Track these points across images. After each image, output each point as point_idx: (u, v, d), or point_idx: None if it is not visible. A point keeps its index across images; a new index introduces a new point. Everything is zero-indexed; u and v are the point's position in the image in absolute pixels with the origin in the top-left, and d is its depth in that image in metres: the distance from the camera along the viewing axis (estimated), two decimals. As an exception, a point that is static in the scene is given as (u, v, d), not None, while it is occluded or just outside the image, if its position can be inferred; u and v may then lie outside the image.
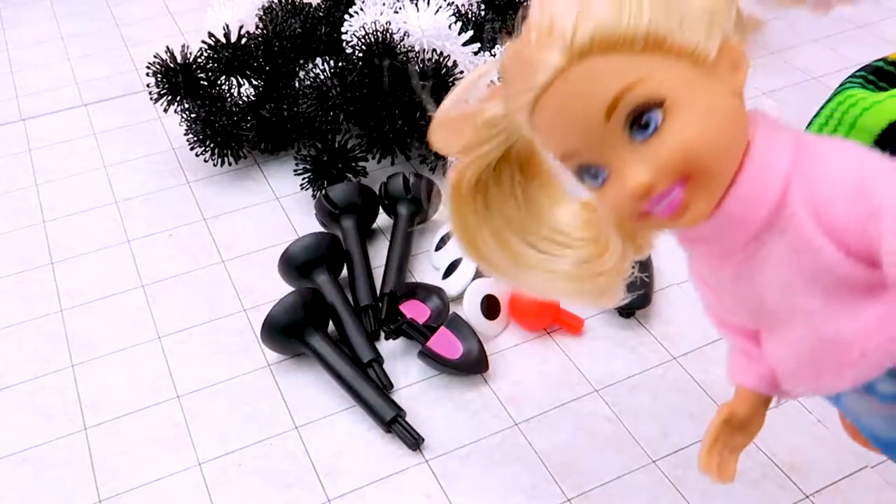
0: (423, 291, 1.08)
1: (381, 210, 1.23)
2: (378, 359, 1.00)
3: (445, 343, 0.98)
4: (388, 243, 1.18)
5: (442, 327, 1.00)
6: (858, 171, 0.44)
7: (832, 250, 0.44)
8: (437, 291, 1.08)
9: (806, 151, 0.46)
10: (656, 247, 0.56)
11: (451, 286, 1.09)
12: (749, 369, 0.57)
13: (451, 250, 1.13)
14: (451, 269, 1.11)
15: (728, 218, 0.47)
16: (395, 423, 0.92)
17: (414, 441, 0.90)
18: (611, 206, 0.47)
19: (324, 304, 1.03)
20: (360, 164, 1.28)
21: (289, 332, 0.99)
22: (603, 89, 0.43)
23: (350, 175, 1.26)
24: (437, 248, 1.16)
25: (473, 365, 0.97)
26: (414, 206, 1.17)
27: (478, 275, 1.11)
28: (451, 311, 1.05)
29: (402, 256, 1.12)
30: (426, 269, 1.16)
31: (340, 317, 1.04)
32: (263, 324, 0.99)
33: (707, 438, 0.60)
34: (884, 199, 0.42)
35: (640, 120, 0.44)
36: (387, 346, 1.04)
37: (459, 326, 1.00)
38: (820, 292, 0.47)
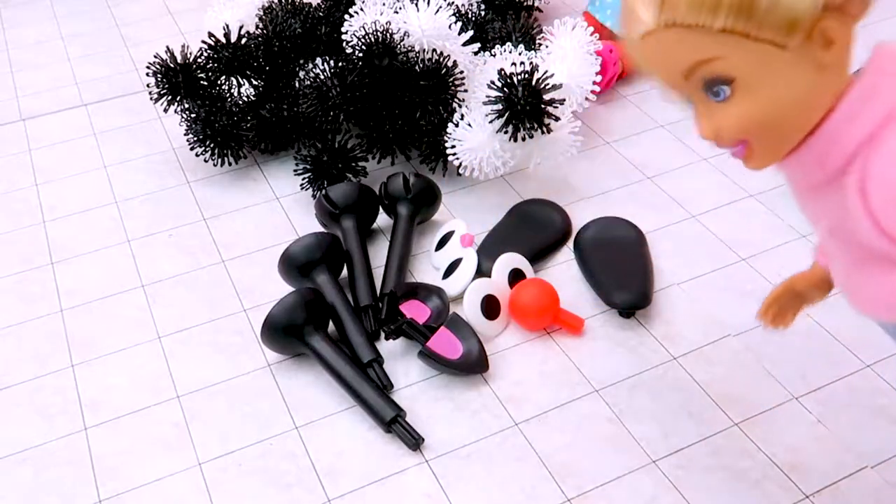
0: (423, 291, 1.08)
1: (381, 210, 1.23)
2: (378, 359, 1.00)
3: (445, 343, 0.98)
4: (388, 243, 1.18)
5: (442, 327, 1.00)
6: None
7: (868, 225, 0.50)
8: (438, 291, 1.08)
9: (891, 130, 0.49)
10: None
11: (451, 286, 1.10)
12: (821, 256, 0.69)
13: (451, 250, 1.13)
14: (451, 270, 1.11)
15: (793, 170, 0.54)
16: (395, 424, 0.92)
17: (414, 441, 0.90)
18: (700, 135, 0.54)
19: (324, 305, 1.02)
20: (360, 164, 1.28)
21: (289, 332, 0.99)
22: (683, 57, 0.49)
23: (350, 175, 1.26)
24: (437, 248, 1.16)
25: (473, 365, 0.97)
26: (414, 206, 1.17)
27: (478, 275, 1.11)
28: (451, 311, 1.05)
29: (402, 256, 1.12)
30: (426, 268, 1.16)
31: (340, 317, 1.04)
32: (263, 324, 0.99)
33: (769, 296, 0.74)
34: None
35: (712, 87, 0.50)
36: (387, 346, 1.04)
37: (459, 326, 1.00)
38: (853, 248, 0.55)
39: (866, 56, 1.34)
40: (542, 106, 1.15)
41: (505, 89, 1.15)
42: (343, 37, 1.32)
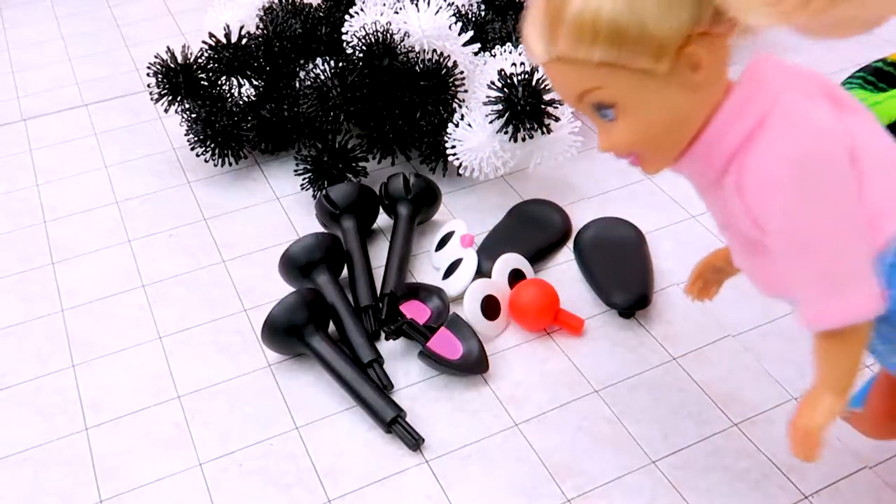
0: (423, 292, 1.09)
1: (381, 210, 1.23)
2: (378, 359, 1.00)
3: (446, 344, 0.98)
4: (387, 243, 1.18)
5: (442, 328, 1.00)
6: (770, 177, 0.56)
7: (744, 218, 0.59)
8: (438, 292, 1.08)
9: (761, 133, 0.57)
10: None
11: (451, 286, 1.10)
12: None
13: (452, 251, 1.13)
14: (451, 270, 1.11)
15: (683, 170, 0.63)
16: (395, 424, 0.92)
17: (414, 441, 0.91)
18: (599, 148, 0.62)
19: (324, 305, 1.03)
20: (361, 164, 1.28)
21: (289, 332, 1.00)
22: (571, 85, 0.57)
23: (350, 175, 1.26)
24: (438, 248, 1.16)
25: (473, 366, 0.97)
26: (414, 206, 1.18)
27: (478, 275, 1.11)
28: (451, 312, 1.05)
29: (402, 257, 1.12)
30: (426, 269, 1.16)
31: (341, 317, 1.04)
32: (264, 324, 1.00)
33: (693, 272, 0.81)
34: (774, 220, 0.56)
35: (599, 110, 0.58)
36: (387, 347, 1.04)
37: (460, 327, 1.00)
38: (741, 240, 0.63)
39: (867, 57, 1.32)
40: (542, 106, 1.15)
41: (505, 89, 1.15)
42: (343, 37, 1.32)
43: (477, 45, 1.30)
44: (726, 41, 0.56)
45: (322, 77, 1.26)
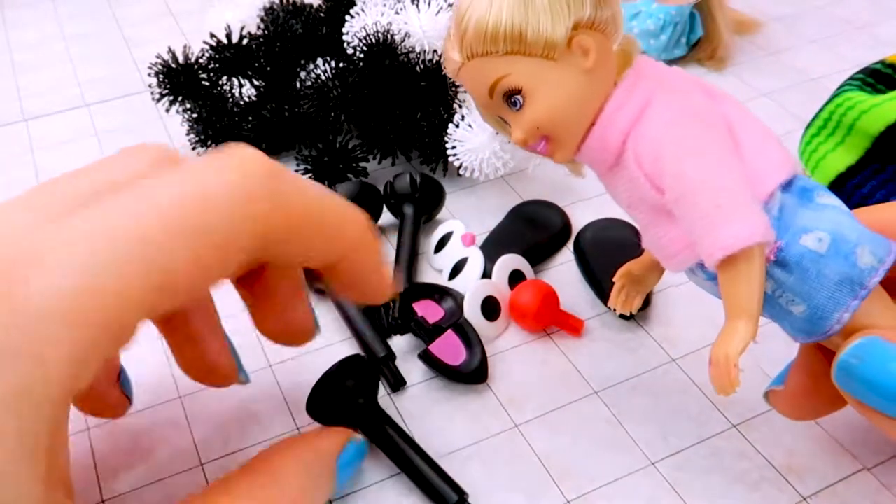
0: (438, 292, 1.08)
1: (383, 209, 1.23)
2: (391, 354, 0.99)
3: (449, 348, 0.98)
4: (391, 242, 1.18)
5: (449, 331, 0.99)
6: (658, 137, 0.63)
7: (647, 186, 0.65)
8: (453, 294, 1.07)
9: (648, 110, 0.65)
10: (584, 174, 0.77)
11: (461, 286, 1.08)
12: (644, 243, 0.78)
13: (454, 250, 1.13)
14: (456, 270, 1.11)
15: (585, 158, 0.69)
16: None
17: None
18: (514, 143, 0.68)
19: (372, 372, 0.93)
20: (361, 164, 1.28)
21: (337, 411, 0.90)
22: (484, 80, 0.65)
23: (351, 175, 1.26)
24: (437, 250, 1.16)
25: (470, 375, 0.96)
26: (421, 205, 1.17)
27: (485, 275, 1.10)
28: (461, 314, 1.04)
29: (410, 255, 1.12)
30: (426, 270, 1.16)
31: (349, 315, 1.03)
32: (308, 400, 0.90)
33: (614, 287, 0.88)
34: (667, 170, 0.63)
35: (510, 99, 0.65)
36: (391, 345, 1.05)
37: (467, 333, 0.99)
38: (646, 210, 0.68)
39: (866, 58, 1.32)
40: (543, 107, 1.15)
41: (505, 91, 1.16)
42: (344, 38, 1.32)
43: (477, 46, 1.30)
44: (608, 38, 0.66)
45: (323, 77, 1.27)
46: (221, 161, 0.57)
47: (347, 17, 1.33)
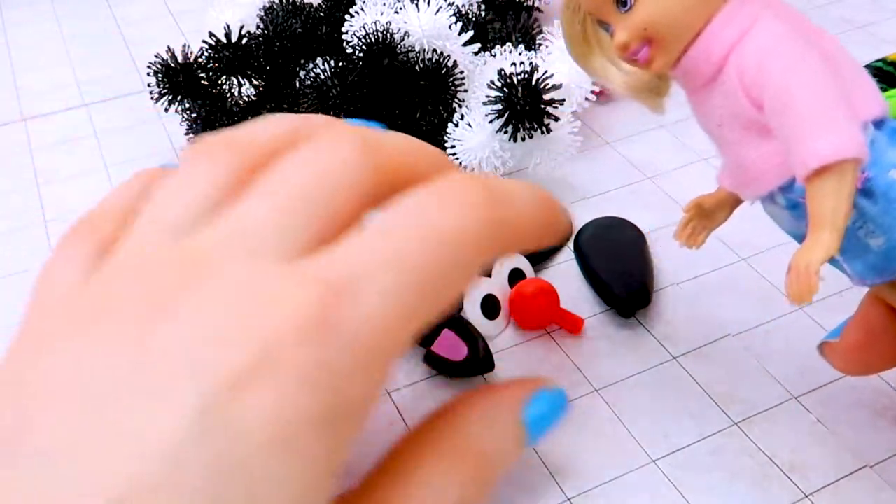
0: (465, 329, 1.04)
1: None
2: None
3: (450, 346, 0.97)
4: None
5: (445, 330, 0.98)
6: (768, 50, 0.65)
7: (745, 100, 0.66)
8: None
9: (753, 29, 0.66)
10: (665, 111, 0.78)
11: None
12: (721, 176, 0.81)
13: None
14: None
15: (684, 71, 0.69)
16: None
17: None
18: (615, 51, 0.68)
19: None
20: (361, 164, 1.27)
21: None
22: None
23: (350, 175, 1.26)
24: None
25: (479, 365, 0.96)
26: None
27: (485, 273, 1.10)
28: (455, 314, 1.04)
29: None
30: (426, 268, 1.16)
31: None
32: None
33: (682, 219, 0.88)
34: (771, 81, 0.64)
35: (621, 0, 0.67)
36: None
37: (461, 328, 0.99)
38: (737, 128, 0.69)
39: (868, 57, 1.33)
40: (542, 106, 1.15)
41: (505, 89, 1.15)
42: (343, 37, 1.32)
43: (477, 45, 1.30)
44: None
45: (322, 77, 1.26)
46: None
47: (347, 17, 1.33)
